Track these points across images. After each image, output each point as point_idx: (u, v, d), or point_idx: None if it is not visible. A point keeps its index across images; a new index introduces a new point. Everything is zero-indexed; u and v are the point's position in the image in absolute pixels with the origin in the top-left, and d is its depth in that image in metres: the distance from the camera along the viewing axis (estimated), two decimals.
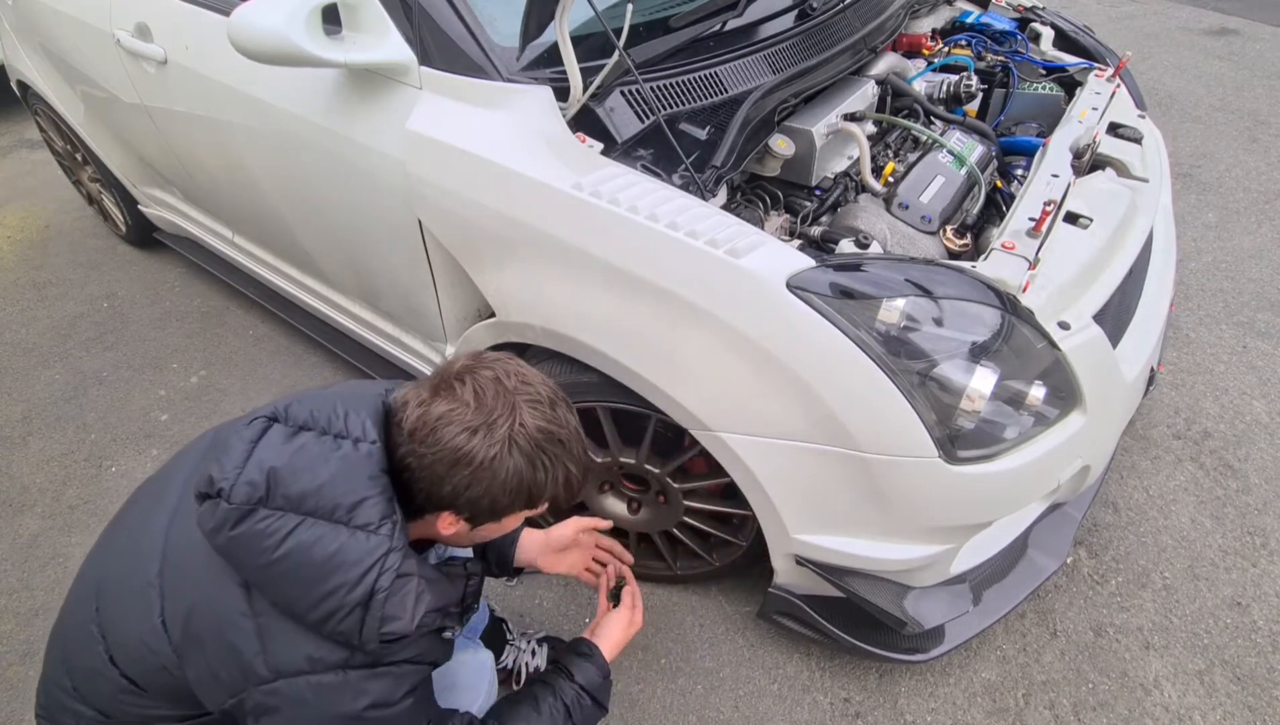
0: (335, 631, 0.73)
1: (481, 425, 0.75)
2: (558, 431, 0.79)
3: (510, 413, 0.76)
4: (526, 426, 0.77)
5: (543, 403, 0.79)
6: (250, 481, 0.72)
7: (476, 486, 0.76)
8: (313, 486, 0.73)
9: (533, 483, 0.78)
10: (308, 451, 0.76)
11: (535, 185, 1.10)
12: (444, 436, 0.75)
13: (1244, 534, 1.65)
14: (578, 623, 1.55)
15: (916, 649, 1.30)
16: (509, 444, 0.76)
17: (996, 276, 1.07)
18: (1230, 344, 2.13)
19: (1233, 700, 1.38)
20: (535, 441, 0.77)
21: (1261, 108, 3.37)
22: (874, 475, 1.06)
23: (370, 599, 0.73)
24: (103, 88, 1.91)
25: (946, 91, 1.61)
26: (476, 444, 0.75)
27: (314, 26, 1.10)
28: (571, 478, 0.82)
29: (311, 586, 0.72)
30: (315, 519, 0.73)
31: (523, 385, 0.79)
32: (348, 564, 0.72)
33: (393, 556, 0.74)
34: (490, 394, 0.77)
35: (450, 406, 0.76)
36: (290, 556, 0.72)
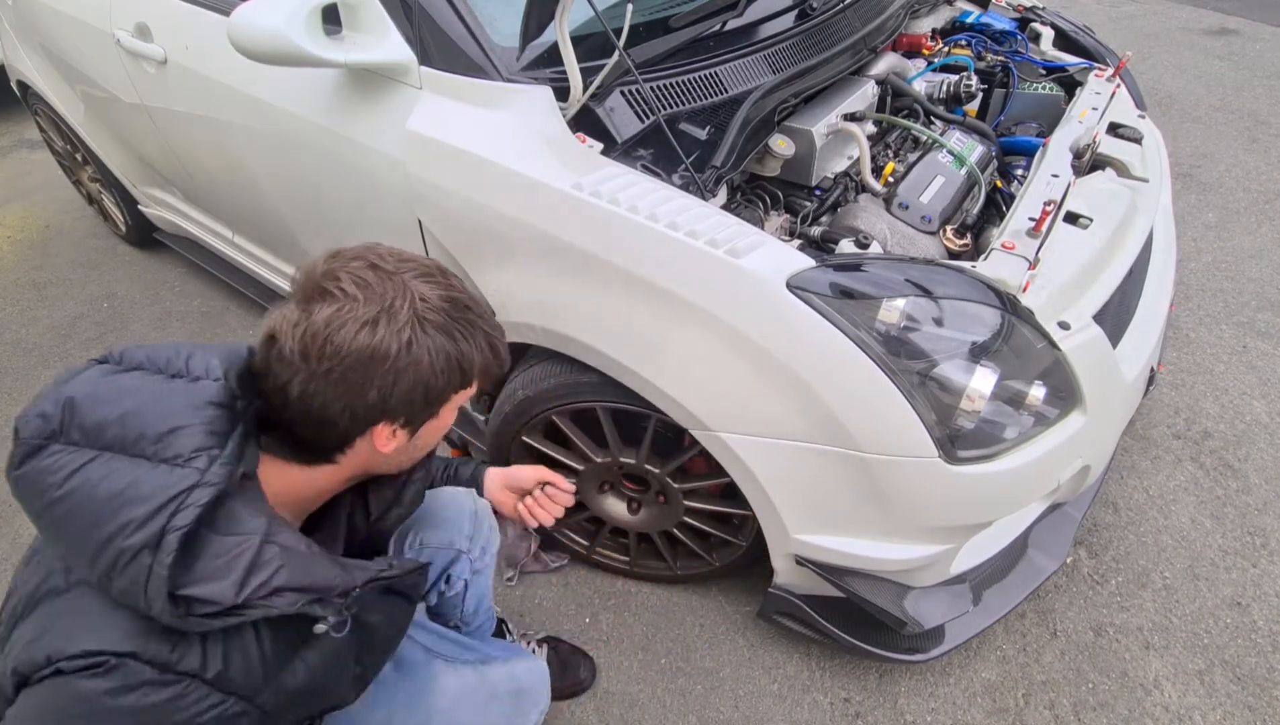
0: (122, 591, 0.58)
1: (380, 313, 0.66)
2: (461, 297, 0.72)
3: (404, 292, 0.68)
4: (429, 300, 0.69)
5: (433, 273, 0.72)
6: (42, 413, 0.61)
7: (404, 379, 0.68)
8: (114, 415, 0.61)
9: (460, 356, 0.71)
10: (120, 383, 0.64)
11: (535, 185, 1.10)
12: (343, 340, 0.65)
13: (1244, 534, 1.65)
14: (577, 623, 1.55)
15: (916, 649, 1.30)
16: (419, 323, 0.68)
17: (996, 276, 1.07)
18: (1230, 344, 2.13)
19: (1233, 700, 1.38)
20: (445, 312, 0.70)
21: (1261, 108, 3.37)
22: (874, 475, 1.06)
23: (160, 539, 0.57)
24: (103, 88, 1.91)
25: (946, 91, 1.61)
26: (384, 335, 0.66)
27: (314, 26, 1.10)
28: (494, 341, 0.75)
29: (93, 528, 0.58)
30: (113, 453, 0.60)
31: (402, 263, 0.70)
32: (138, 498, 0.58)
33: (200, 492, 0.59)
34: (374, 280, 0.67)
35: (335, 308, 0.66)
36: (72, 495, 0.58)
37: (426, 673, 0.97)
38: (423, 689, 0.95)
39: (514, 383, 1.36)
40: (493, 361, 0.75)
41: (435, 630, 1.05)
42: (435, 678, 0.96)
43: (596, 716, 1.40)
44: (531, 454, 1.45)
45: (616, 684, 1.45)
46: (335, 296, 0.66)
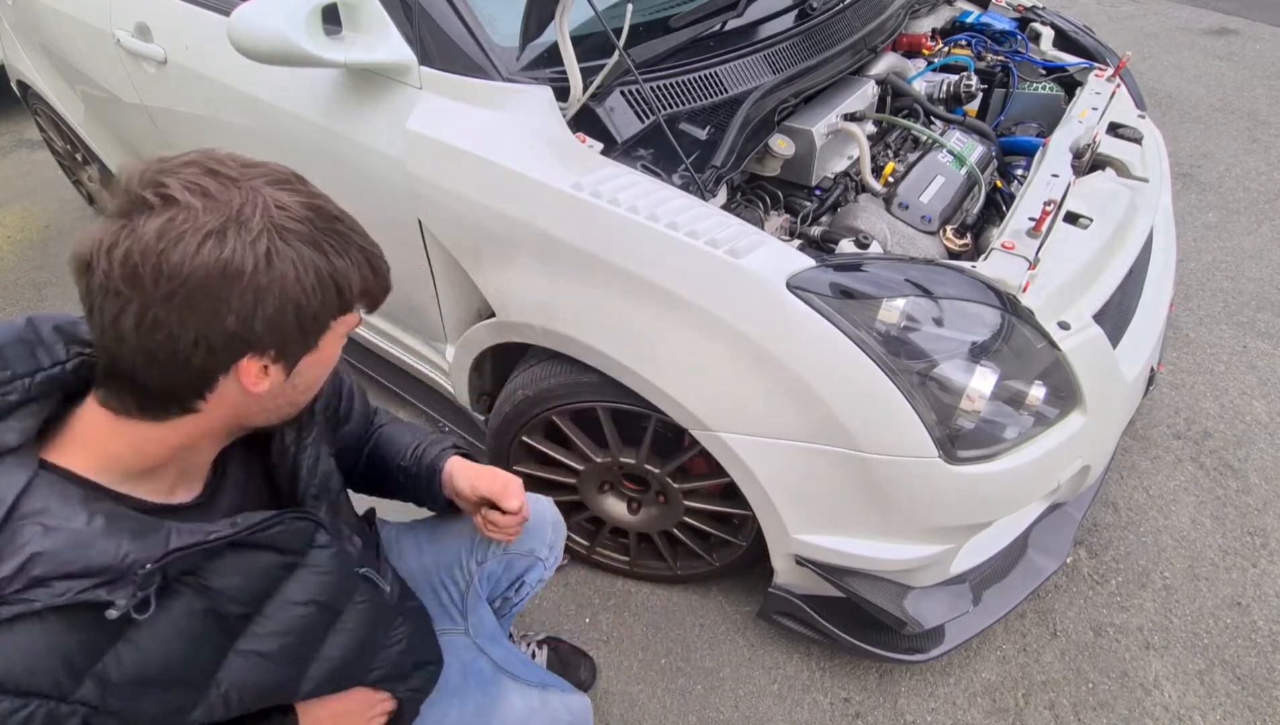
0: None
1: (227, 222, 0.54)
2: (326, 206, 0.61)
3: (255, 198, 0.56)
4: (288, 207, 0.57)
5: (289, 180, 0.60)
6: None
7: (268, 300, 0.56)
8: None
9: (334, 272, 0.60)
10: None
11: (535, 185, 1.10)
12: (181, 258, 0.52)
13: (1244, 534, 1.65)
14: (577, 623, 1.55)
15: (916, 649, 1.30)
16: (277, 233, 0.56)
17: (996, 276, 1.07)
18: (1230, 344, 2.13)
19: (1233, 700, 1.38)
20: (309, 221, 0.58)
21: (1261, 108, 3.37)
22: (874, 475, 1.06)
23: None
24: (103, 88, 1.91)
25: (946, 91, 1.61)
26: (235, 247, 0.54)
27: (314, 26, 1.10)
28: (371, 256, 0.65)
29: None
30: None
31: (248, 168, 0.58)
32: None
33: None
34: (214, 186, 0.55)
35: (166, 218, 0.52)
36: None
37: (496, 688, 0.98)
38: (493, 703, 0.96)
39: (514, 383, 1.36)
40: (373, 281, 0.65)
41: (504, 645, 1.06)
42: (504, 695, 0.97)
43: (596, 716, 1.40)
44: (532, 454, 1.45)
45: (616, 684, 1.45)
46: (165, 206, 0.53)
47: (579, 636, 1.52)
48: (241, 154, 0.60)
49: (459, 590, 1.07)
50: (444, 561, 1.06)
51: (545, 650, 1.44)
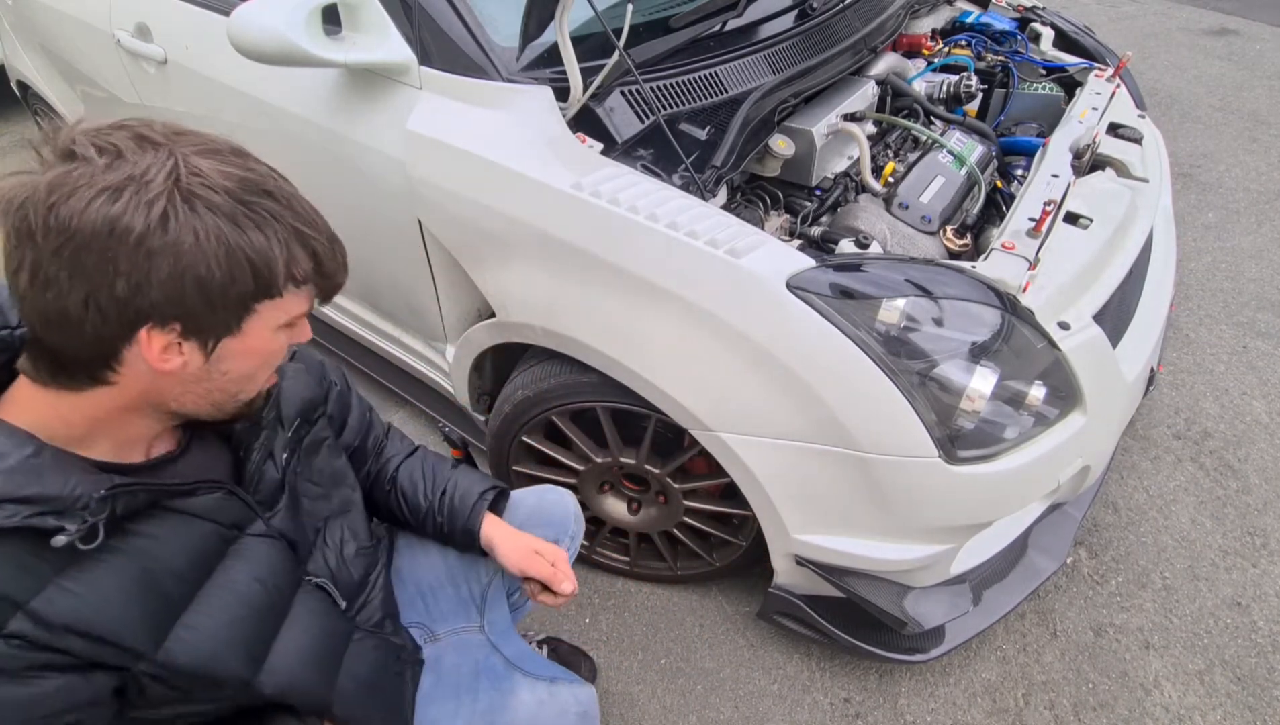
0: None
1: (126, 181, 0.52)
2: (258, 179, 0.58)
3: (169, 160, 0.53)
4: (204, 173, 0.54)
5: (222, 151, 0.57)
6: None
7: (160, 266, 0.53)
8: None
9: (249, 246, 0.56)
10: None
11: (535, 185, 1.10)
12: (71, 210, 0.51)
13: (1244, 534, 1.65)
14: (577, 623, 1.55)
15: (916, 649, 1.30)
16: (181, 197, 0.53)
17: (996, 276, 1.07)
18: (1230, 344, 2.13)
19: (1233, 700, 1.38)
20: (228, 191, 0.55)
21: (1261, 108, 3.37)
22: (874, 475, 1.06)
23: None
24: (103, 88, 1.91)
25: (946, 91, 1.61)
26: (127, 205, 0.51)
27: (314, 26, 1.10)
28: (308, 238, 0.60)
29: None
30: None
31: (181, 136, 0.56)
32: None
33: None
34: (130, 148, 0.53)
35: (64, 171, 0.52)
36: None
37: (508, 684, 0.99)
38: (504, 698, 0.96)
39: (514, 383, 1.36)
40: (307, 266, 0.61)
41: (516, 641, 1.06)
42: (514, 690, 0.97)
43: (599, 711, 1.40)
44: (532, 454, 1.45)
45: (616, 684, 1.45)
46: (65, 160, 0.53)
47: (579, 636, 1.52)
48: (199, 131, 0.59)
49: (481, 585, 1.08)
50: (467, 555, 1.07)
51: (545, 650, 1.44)
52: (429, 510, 1.01)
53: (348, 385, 1.02)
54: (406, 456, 1.06)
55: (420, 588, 1.07)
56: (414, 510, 1.02)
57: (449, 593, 1.06)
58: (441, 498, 1.01)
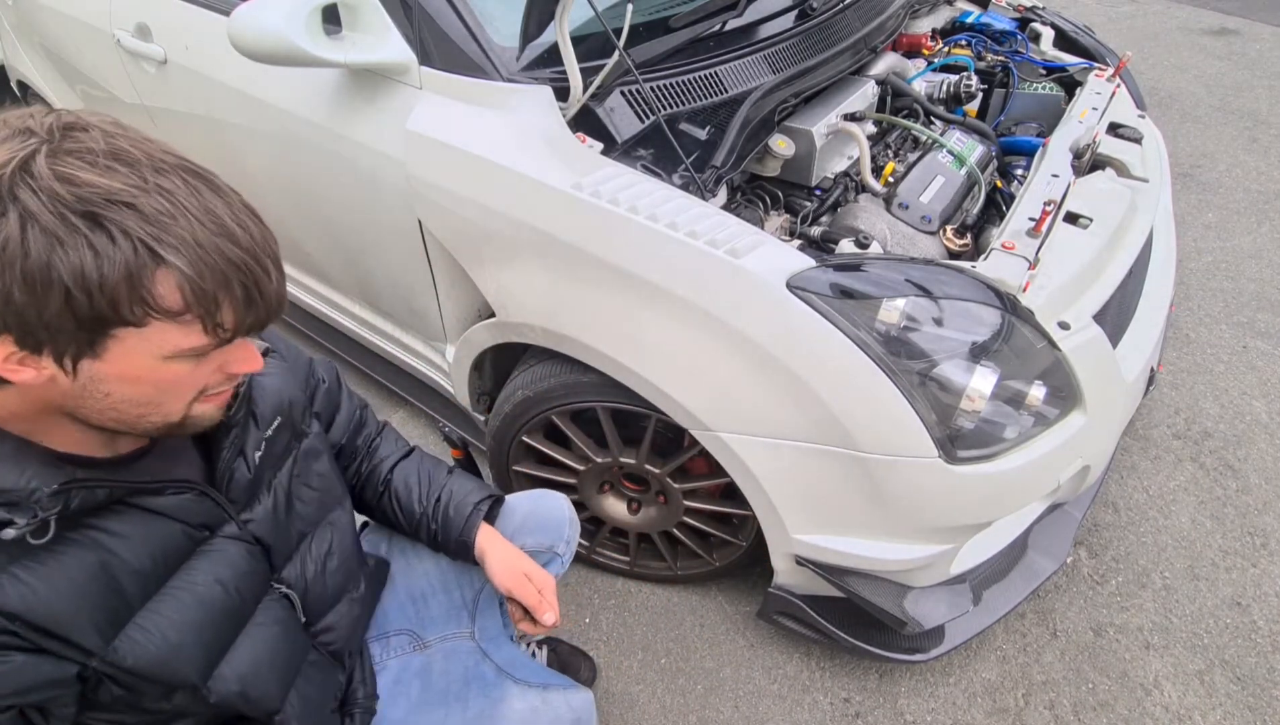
0: None
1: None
2: (127, 192, 0.50)
3: (17, 152, 0.49)
4: (37, 174, 0.48)
5: (98, 152, 0.50)
6: None
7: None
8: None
9: (64, 266, 0.48)
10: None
11: (535, 185, 1.10)
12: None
13: (1244, 534, 1.65)
14: (577, 623, 1.55)
15: (916, 649, 1.30)
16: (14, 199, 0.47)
17: (996, 276, 1.07)
18: (1230, 344, 2.13)
19: (1233, 700, 1.38)
20: (58, 196, 0.48)
21: (1261, 108, 3.37)
22: (874, 475, 1.06)
23: None
24: (103, 88, 1.91)
25: (946, 91, 1.61)
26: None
27: (314, 26, 1.10)
28: (175, 266, 0.51)
29: None
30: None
31: (73, 130, 0.51)
32: None
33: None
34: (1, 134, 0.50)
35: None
36: None
37: (498, 691, 0.97)
38: (495, 706, 0.95)
39: (514, 383, 1.36)
40: (179, 301, 0.53)
41: (507, 648, 1.05)
42: (505, 698, 0.96)
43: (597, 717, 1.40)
44: (532, 454, 1.45)
45: (616, 684, 1.45)
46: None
47: (579, 636, 1.52)
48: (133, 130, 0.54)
49: (474, 590, 1.07)
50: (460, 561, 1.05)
51: (545, 651, 1.44)
52: (423, 517, 1.00)
53: (338, 382, 1.00)
54: (402, 457, 1.04)
55: (412, 593, 1.06)
56: (408, 516, 1.00)
57: (441, 599, 1.05)
58: (436, 504, 1.00)
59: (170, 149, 0.55)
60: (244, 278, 0.55)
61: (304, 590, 0.84)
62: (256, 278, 0.56)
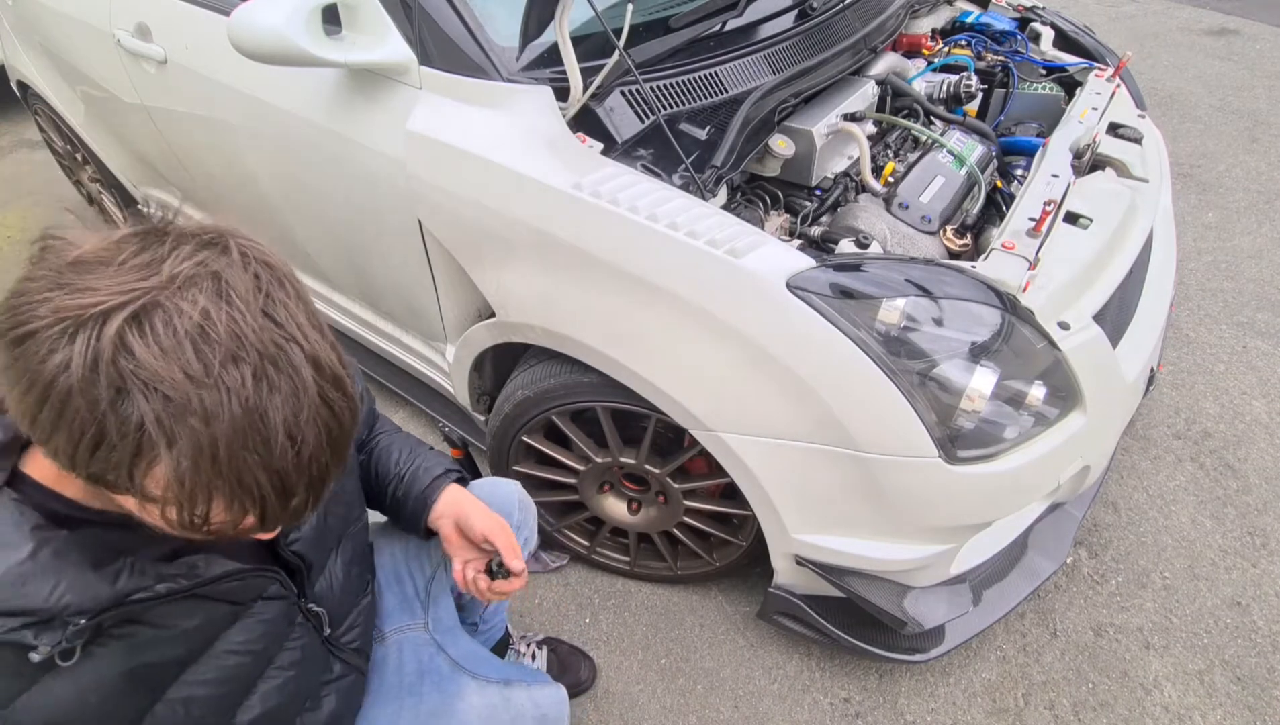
0: None
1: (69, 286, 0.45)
2: (178, 384, 0.45)
3: (117, 296, 0.45)
4: (108, 329, 0.44)
5: (190, 329, 0.46)
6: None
7: (29, 399, 0.46)
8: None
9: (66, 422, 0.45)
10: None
11: (535, 185, 1.10)
12: (28, 267, 0.47)
13: (1244, 534, 1.65)
14: (578, 623, 1.55)
15: (916, 649, 1.30)
16: (64, 331, 0.44)
17: (996, 276, 1.07)
18: (1230, 344, 2.13)
19: (1233, 700, 1.38)
20: (103, 359, 0.44)
21: (1261, 108, 3.37)
22: (874, 475, 1.06)
23: None
24: (103, 88, 1.91)
25: (946, 91, 1.60)
26: (40, 296, 0.45)
27: (314, 26, 1.10)
28: (182, 485, 0.47)
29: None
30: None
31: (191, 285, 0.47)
32: None
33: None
34: (132, 263, 0.47)
35: (76, 237, 0.48)
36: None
37: (454, 686, 0.94)
38: (450, 702, 0.92)
39: (514, 383, 1.36)
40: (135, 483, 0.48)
41: (463, 641, 1.02)
42: (462, 694, 0.93)
43: (596, 716, 1.40)
44: (532, 454, 1.45)
45: (616, 684, 1.45)
46: (102, 233, 0.49)
47: (579, 636, 1.52)
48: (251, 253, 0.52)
49: (425, 578, 1.04)
50: (412, 549, 1.04)
51: (545, 650, 1.44)
52: (394, 478, 0.96)
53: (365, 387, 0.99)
54: (392, 432, 1.04)
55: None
56: (381, 477, 0.96)
57: (395, 590, 1.03)
58: (410, 467, 0.96)
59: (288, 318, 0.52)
60: (255, 495, 0.49)
61: (333, 603, 0.83)
62: (270, 499, 0.50)
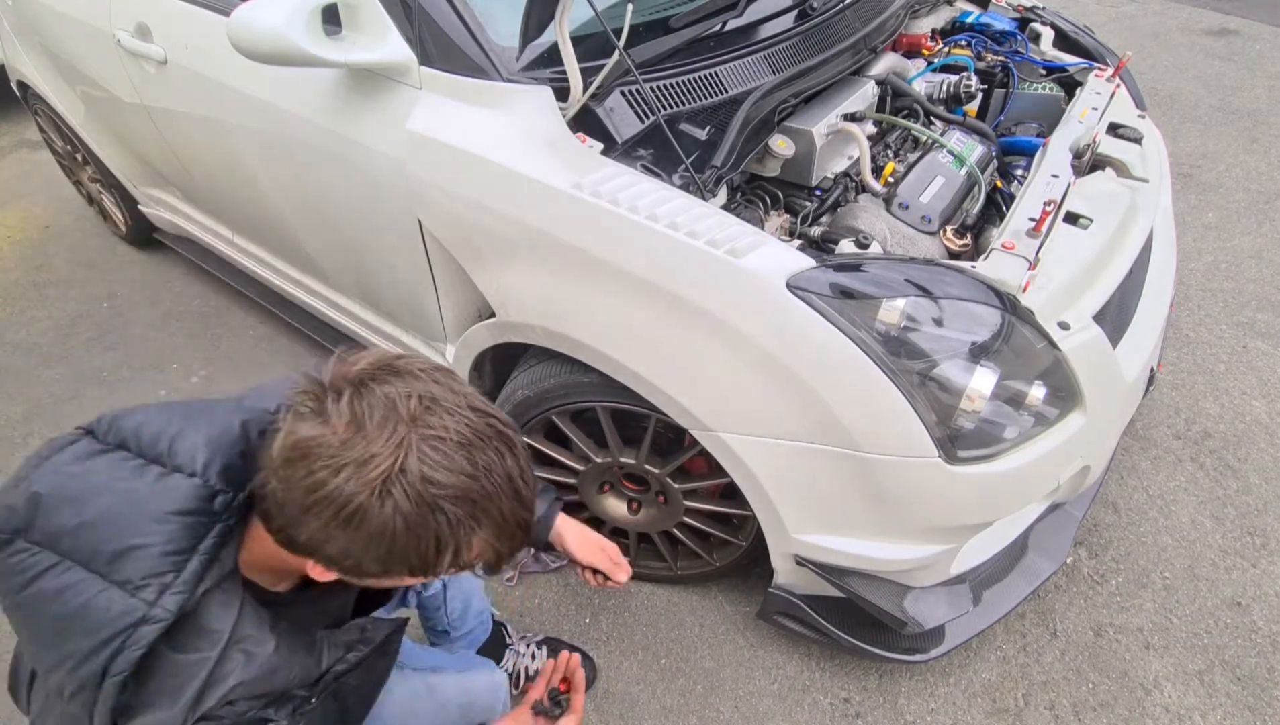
0: (69, 715, 0.60)
1: (352, 463, 0.56)
2: (465, 486, 0.59)
3: (396, 451, 0.57)
4: (409, 473, 0.57)
5: (447, 441, 0.59)
6: (10, 505, 0.61)
7: (334, 543, 0.59)
8: (71, 524, 0.60)
9: (413, 550, 0.59)
10: (90, 478, 0.62)
11: (535, 185, 1.10)
12: (301, 470, 0.57)
13: (1244, 534, 1.65)
14: (578, 623, 1.55)
15: (916, 649, 1.30)
16: (381, 493, 0.56)
17: (996, 276, 1.07)
18: (1230, 344, 2.13)
19: (1233, 700, 1.38)
20: (422, 496, 0.57)
21: (1261, 108, 3.37)
22: (874, 475, 1.06)
23: (101, 681, 0.58)
24: (103, 88, 1.91)
25: (946, 91, 1.60)
26: (339, 484, 0.56)
27: (314, 26, 1.10)
28: (491, 549, 0.64)
29: (48, 647, 0.60)
30: (73, 563, 0.60)
31: (427, 413, 0.59)
32: (86, 629, 0.58)
33: (145, 630, 0.59)
34: (376, 420, 0.57)
35: (320, 430, 0.57)
36: (29, 603, 0.60)
37: None
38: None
39: (514, 383, 1.36)
40: (470, 561, 0.64)
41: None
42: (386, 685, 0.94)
43: (596, 716, 1.40)
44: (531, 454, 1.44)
45: (616, 684, 1.45)
46: (329, 418, 0.58)
47: (579, 636, 1.52)
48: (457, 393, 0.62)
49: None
50: None
51: (545, 650, 1.44)
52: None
53: None
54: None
55: None
56: None
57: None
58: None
59: (477, 403, 0.64)
60: (521, 531, 0.66)
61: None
62: (529, 527, 0.67)
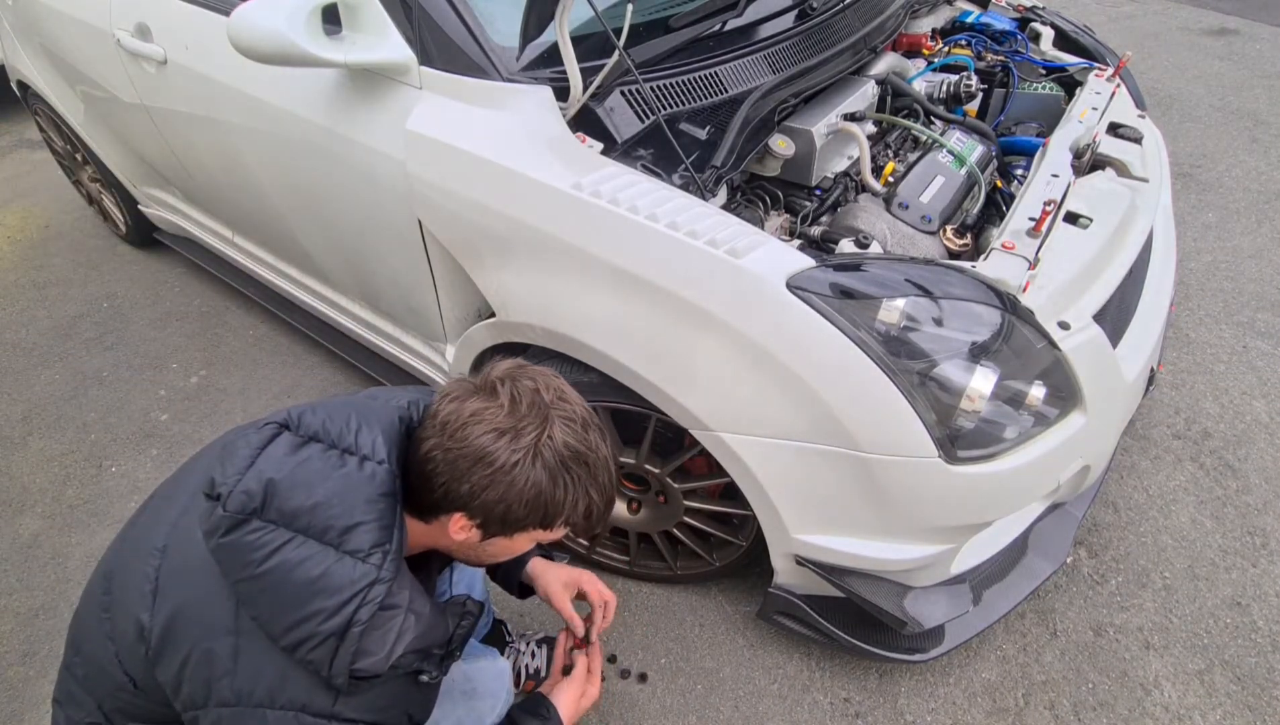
0: (305, 659, 0.72)
1: (510, 429, 0.75)
2: (586, 453, 0.78)
3: (541, 424, 0.76)
4: (554, 440, 0.76)
5: (575, 422, 0.79)
6: (247, 490, 0.72)
7: (493, 490, 0.75)
8: (307, 504, 0.72)
9: (550, 499, 0.77)
10: (309, 466, 0.75)
11: (535, 185, 1.10)
12: (471, 433, 0.75)
13: (1244, 534, 1.65)
14: None
15: (916, 649, 1.30)
16: (533, 453, 0.75)
17: (996, 276, 1.07)
18: (1230, 344, 2.13)
19: (1233, 700, 1.38)
20: (561, 457, 0.76)
21: (1261, 108, 3.37)
22: (874, 475, 1.06)
23: (346, 631, 0.71)
24: (103, 88, 1.92)
25: (946, 91, 1.61)
26: (501, 447, 0.74)
27: (314, 26, 1.10)
28: (593, 506, 0.81)
29: (290, 608, 0.71)
30: (306, 538, 0.72)
31: (559, 401, 0.79)
32: (330, 590, 0.71)
33: (377, 588, 0.73)
34: (526, 402, 0.77)
35: (484, 405, 0.76)
36: (273, 573, 0.71)
37: None
38: None
39: None
40: (581, 524, 0.82)
41: None
42: None
43: (596, 717, 1.40)
44: None
45: (616, 684, 1.45)
46: (491, 398, 0.77)
47: None
48: (571, 391, 0.82)
49: None
50: None
51: (545, 649, 1.43)
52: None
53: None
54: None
55: None
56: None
57: None
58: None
59: (582, 398, 0.84)
60: (608, 506, 0.85)
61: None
62: (610, 505, 0.85)
